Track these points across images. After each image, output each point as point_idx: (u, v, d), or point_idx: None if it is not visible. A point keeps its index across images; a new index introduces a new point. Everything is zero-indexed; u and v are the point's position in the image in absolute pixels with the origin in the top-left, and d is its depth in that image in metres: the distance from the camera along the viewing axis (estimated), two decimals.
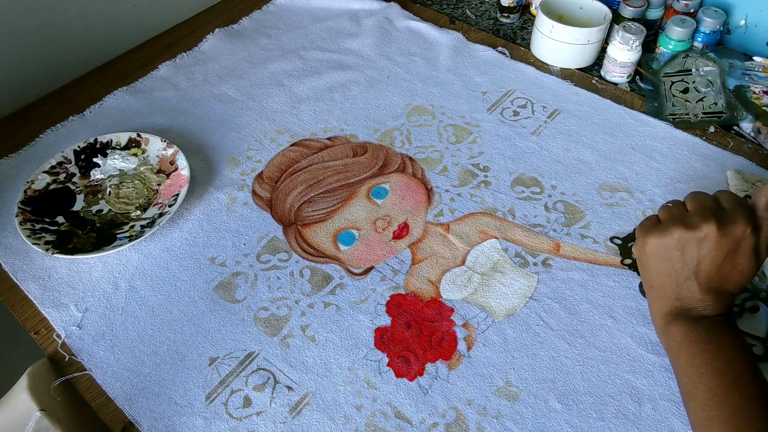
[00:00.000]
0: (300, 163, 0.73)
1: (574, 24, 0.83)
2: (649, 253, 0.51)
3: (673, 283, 0.49)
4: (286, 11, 0.98)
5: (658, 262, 0.50)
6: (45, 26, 0.82)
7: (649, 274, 0.52)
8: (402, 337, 0.57)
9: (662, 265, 0.50)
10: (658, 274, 0.50)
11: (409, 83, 0.83)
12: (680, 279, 0.49)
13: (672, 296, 0.49)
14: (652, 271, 0.51)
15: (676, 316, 0.49)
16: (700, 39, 0.81)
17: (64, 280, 0.62)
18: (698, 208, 0.50)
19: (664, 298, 0.50)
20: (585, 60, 0.84)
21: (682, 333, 0.47)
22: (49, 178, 0.70)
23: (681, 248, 0.49)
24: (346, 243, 0.64)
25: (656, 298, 0.51)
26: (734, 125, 0.75)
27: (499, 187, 0.69)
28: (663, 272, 0.50)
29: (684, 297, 0.49)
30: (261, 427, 0.52)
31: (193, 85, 0.85)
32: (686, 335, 0.47)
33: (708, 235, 0.47)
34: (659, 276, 0.50)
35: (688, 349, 0.47)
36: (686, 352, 0.47)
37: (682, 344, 0.47)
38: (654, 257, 0.51)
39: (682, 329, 0.47)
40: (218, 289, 0.61)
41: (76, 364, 0.57)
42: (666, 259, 0.50)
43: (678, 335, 0.48)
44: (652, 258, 0.51)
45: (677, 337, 0.48)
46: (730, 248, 0.47)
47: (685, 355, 0.47)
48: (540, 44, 0.85)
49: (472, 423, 0.51)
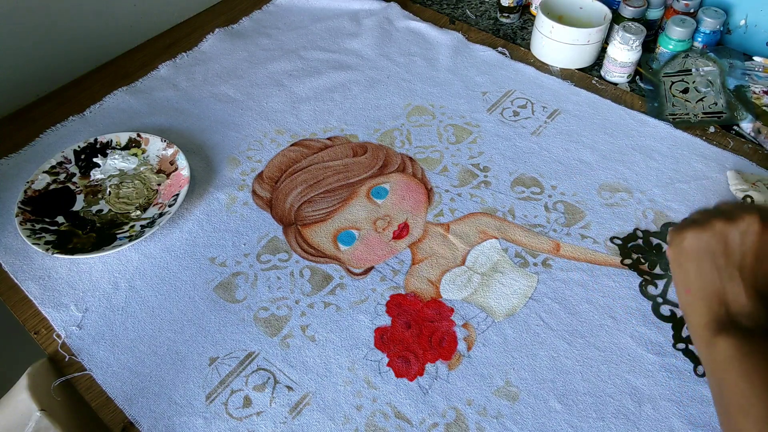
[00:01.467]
0: (300, 163, 0.73)
1: (574, 24, 0.83)
2: (689, 249, 0.47)
3: (716, 283, 0.46)
4: (286, 11, 0.98)
5: (699, 259, 0.47)
6: (45, 26, 0.82)
7: (687, 275, 0.48)
8: (402, 337, 0.57)
9: (704, 261, 0.46)
10: (698, 274, 0.47)
11: (409, 83, 0.83)
12: (724, 277, 0.45)
13: (715, 300, 0.45)
14: (691, 271, 0.47)
15: (723, 325, 0.44)
16: (700, 39, 0.81)
17: (64, 280, 0.62)
18: (732, 207, 0.48)
19: (705, 304, 0.46)
20: (585, 60, 0.84)
21: (734, 345, 0.43)
22: (49, 178, 0.70)
23: (723, 241, 0.46)
24: (346, 243, 0.64)
25: (695, 303, 0.47)
26: (734, 125, 0.75)
27: (499, 187, 0.69)
28: (705, 270, 0.46)
29: (729, 301, 0.45)
30: (261, 427, 0.52)
31: (193, 85, 0.85)
32: (739, 348, 0.43)
33: (750, 225, 0.45)
34: (700, 276, 0.46)
35: (740, 364, 0.42)
36: (738, 366, 0.42)
37: (733, 358, 0.43)
38: (694, 253, 0.47)
39: (734, 341, 0.43)
40: (218, 289, 0.61)
41: (76, 364, 0.57)
42: (708, 253, 0.46)
43: (727, 348, 0.43)
44: (692, 255, 0.47)
45: (727, 349, 0.43)
46: None
47: (736, 369, 0.42)
48: (540, 44, 0.85)
49: (472, 423, 0.51)
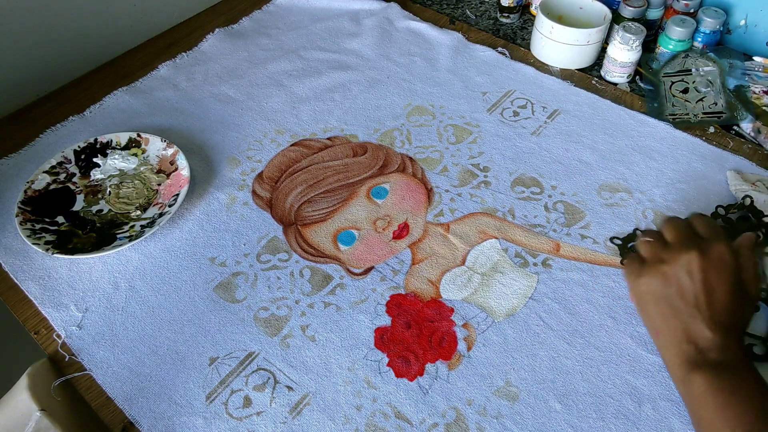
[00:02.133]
0: (300, 163, 0.73)
1: (574, 24, 0.83)
2: (645, 295, 0.50)
3: (679, 324, 0.47)
4: (286, 11, 0.98)
5: (658, 304, 0.49)
6: (45, 26, 0.82)
7: (652, 320, 0.50)
8: (402, 337, 0.57)
9: (662, 305, 0.48)
10: (661, 317, 0.49)
11: (409, 83, 0.83)
12: (685, 317, 0.47)
13: (683, 339, 0.47)
14: (654, 316, 0.49)
15: (697, 364, 0.45)
16: (700, 39, 0.81)
17: (64, 280, 0.62)
18: (676, 238, 0.50)
19: (675, 344, 0.47)
20: (585, 61, 0.84)
21: (706, 382, 0.44)
22: (49, 178, 0.70)
23: (674, 283, 0.48)
24: (346, 243, 0.64)
25: (666, 344, 0.48)
26: (734, 125, 0.75)
27: (499, 187, 0.69)
28: (666, 314, 0.48)
29: (696, 338, 0.46)
30: (261, 427, 0.52)
31: (193, 85, 0.85)
32: (710, 384, 0.44)
33: (692, 263, 0.47)
34: (663, 319, 0.48)
35: (714, 399, 0.43)
36: (712, 402, 0.43)
37: (706, 394, 0.44)
38: (652, 299, 0.49)
39: (706, 378, 0.44)
40: (218, 289, 0.61)
41: (76, 364, 0.57)
42: (663, 298, 0.48)
43: (701, 384, 0.44)
44: (651, 300, 0.49)
45: (701, 386, 0.44)
46: (718, 274, 0.47)
47: (710, 405, 0.43)
48: (540, 45, 0.85)
49: (472, 423, 0.51)
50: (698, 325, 0.46)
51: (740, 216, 0.64)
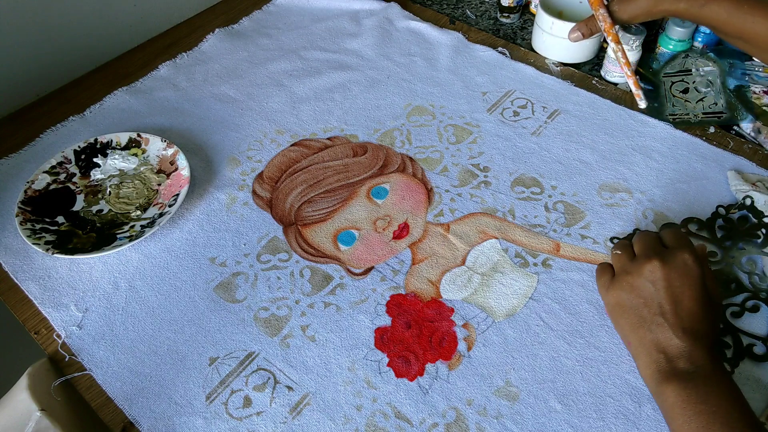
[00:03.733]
0: (300, 163, 0.73)
1: (576, 17, 0.85)
2: (614, 307, 0.51)
3: (648, 334, 0.48)
4: (286, 11, 0.98)
5: (626, 315, 0.50)
6: (45, 26, 0.82)
7: (623, 331, 0.51)
8: (402, 337, 0.57)
9: (630, 316, 0.50)
10: (631, 328, 0.49)
11: (409, 83, 0.83)
12: (653, 327, 0.48)
13: (653, 349, 0.47)
14: (624, 327, 0.50)
15: (666, 374, 0.46)
16: (701, 39, 0.81)
17: (64, 280, 0.62)
18: (642, 249, 0.51)
19: (646, 355, 0.48)
20: (585, 55, 0.85)
21: (676, 393, 0.44)
22: (49, 178, 0.70)
23: (639, 295, 0.49)
24: (346, 243, 0.64)
25: (637, 355, 0.49)
26: (734, 125, 0.75)
27: (499, 187, 0.69)
28: (635, 324, 0.49)
29: (665, 347, 0.47)
30: (261, 427, 0.52)
31: (194, 85, 0.85)
32: (680, 395, 0.44)
33: (654, 272, 0.49)
34: (633, 330, 0.49)
35: (683, 411, 0.43)
36: (681, 413, 0.43)
37: (676, 405, 0.44)
38: (620, 311, 0.51)
39: (674, 388, 0.44)
40: (218, 289, 0.61)
41: (76, 364, 0.57)
42: (631, 308, 0.50)
43: (671, 395, 0.44)
44: (619, 312, 0.51)
45: (671, 397, 0.44)
46: (681, 281, 0.48)
47: (679, 417, 0.43)
48: (540, 40, 0.86)
49: (472, 423, 0.51)
50: (665, 332, 0.47)
51: (740, 216, 0.64)
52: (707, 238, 0.62)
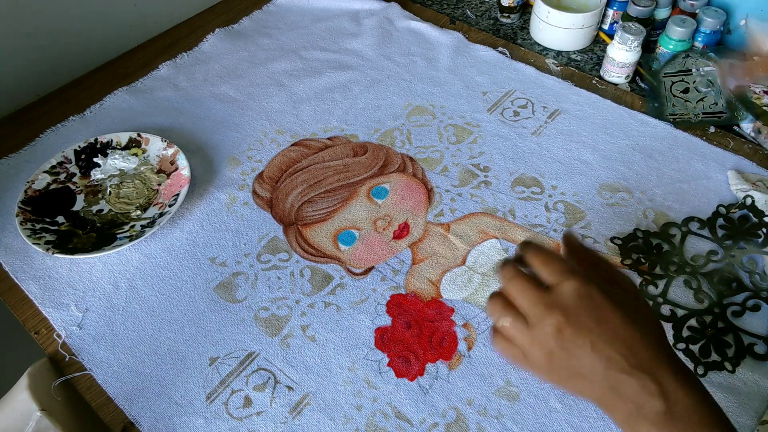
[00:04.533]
0: (300, 163, 0.73)
1: (573, 6, 0.89)
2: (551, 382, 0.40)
3: (595, 387, 0.37)
4: (287, 11, 0.98)
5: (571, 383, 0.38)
6: (45, 26, 0.82)
7: (574, 388, 0.39)
8: (402, 337, 0.57)
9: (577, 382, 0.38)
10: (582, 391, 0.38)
11: (410, 83, 0.83)
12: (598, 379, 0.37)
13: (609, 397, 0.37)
14: (568, 385, 0.39)
15: (635, 420, 0.36)
16: (701, 39, 0.81)
17: (64, 280, 0.62)
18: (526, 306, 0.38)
19: (609, 408, 0.38)
20: (581, 43, 0.88)
21: None
22: (50, 178, 0.70)
23: (561, 362, 0.38)
24: (346, 243, 0.64)
25: (607, 410, 0.38)
26: (734, 125, 0.75)
27: (500, 187, 0.69)
28: (585, 387, 0.38)
29: (622, 391, 0.36)
30: (261, 427, 0.52)
31: (194, 85, 0.85)
32: None
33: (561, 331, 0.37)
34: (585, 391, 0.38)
35: None
36: None
37: None
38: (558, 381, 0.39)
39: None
40: (218, 289, 0.61)
41: (76, 364, 0.57)
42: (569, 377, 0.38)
43: None
44: (559, 383, 0.39)
45: None
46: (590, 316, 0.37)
47: None
48: (538, 29, 0.89)
49: (472, 423, 0.51)
50: (614, 376, 0.36)
51: (741, 215, 0.64)
52: (708, 238, 0.62)
